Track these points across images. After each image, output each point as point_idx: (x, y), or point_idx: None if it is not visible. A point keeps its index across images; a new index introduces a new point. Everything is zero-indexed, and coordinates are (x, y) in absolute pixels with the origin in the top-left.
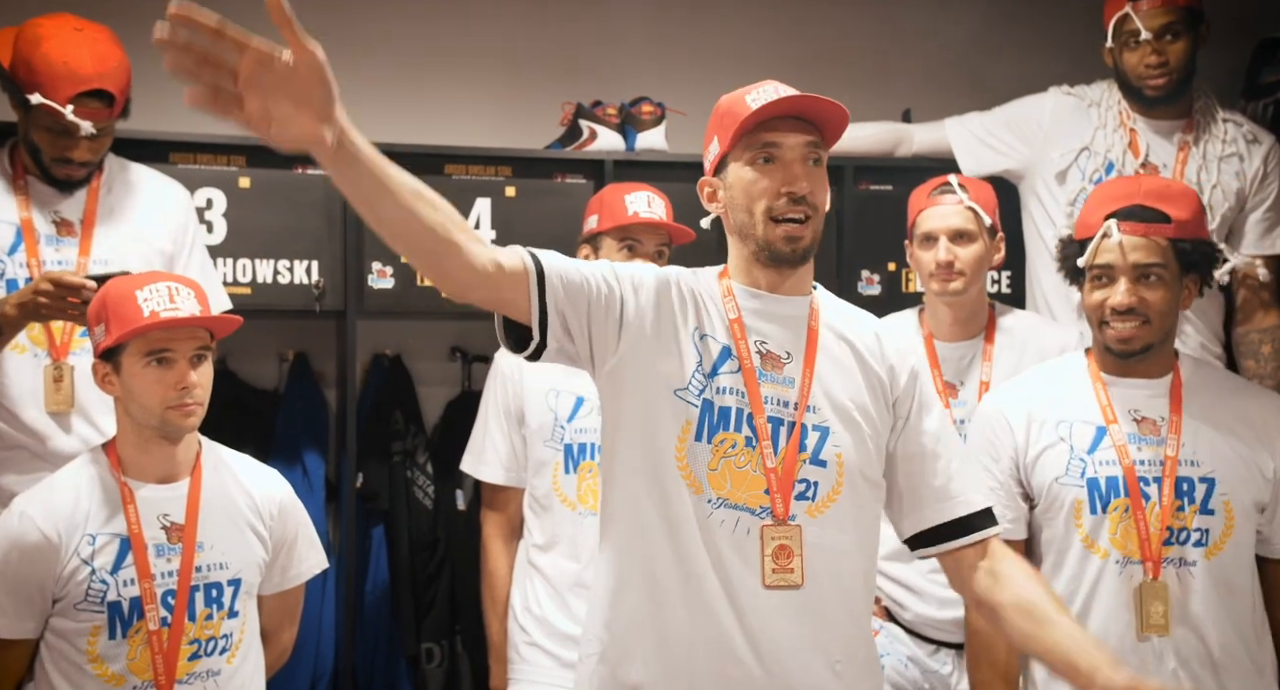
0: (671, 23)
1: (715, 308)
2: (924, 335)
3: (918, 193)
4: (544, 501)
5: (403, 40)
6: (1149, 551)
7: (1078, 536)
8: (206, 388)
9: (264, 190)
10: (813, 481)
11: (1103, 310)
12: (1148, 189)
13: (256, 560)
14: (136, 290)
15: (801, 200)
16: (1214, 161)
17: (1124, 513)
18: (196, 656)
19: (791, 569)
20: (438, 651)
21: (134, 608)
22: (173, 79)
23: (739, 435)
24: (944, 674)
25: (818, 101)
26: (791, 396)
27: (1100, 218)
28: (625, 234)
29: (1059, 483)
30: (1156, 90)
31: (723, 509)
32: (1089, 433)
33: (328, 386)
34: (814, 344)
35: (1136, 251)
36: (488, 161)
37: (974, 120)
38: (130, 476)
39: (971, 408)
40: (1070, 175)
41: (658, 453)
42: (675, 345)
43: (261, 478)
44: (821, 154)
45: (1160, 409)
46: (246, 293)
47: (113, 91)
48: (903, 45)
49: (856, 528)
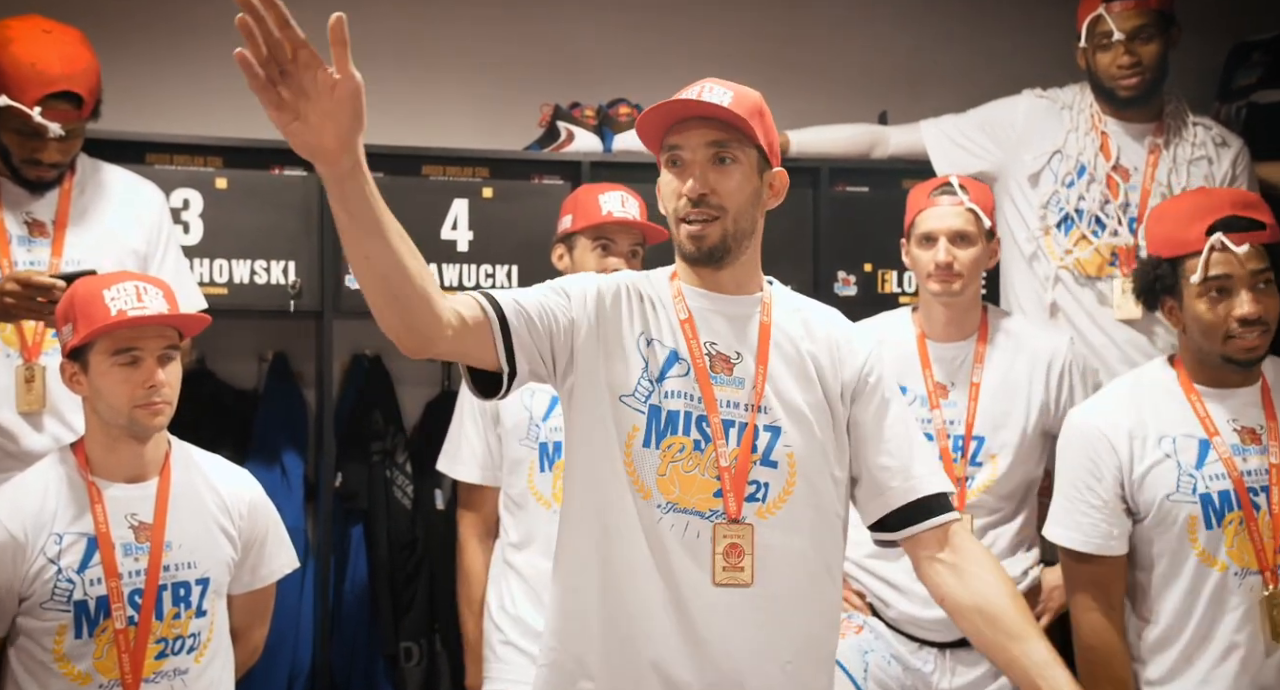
0: (649, 25)
1: (665, 310)
2: (917, 335)
3: (917, 192)
4: (519, 500)
5: (382, 41)
6: (1265, 561)
7: (1193, 551)
8: (175, 387)
9: (241, 191)
10: (763, 483)
11: (1227, 323)
12: (1231, 199)
13: (225, 559)
14: (104, 289)
15: (702, 201)
16: (1184, 164)
17: (1239, 525)
18: (164, 655)
19: (741, 567)
20: (416, 650)
21: (100, 607)
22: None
23: (687, 439)
24: (926, 672)
25: (701, 107)
26: (742, 397)
27: (1198, 232)
28: (599, 233)
29: (1170, 499)
30: (1129, 91)
31: (672, 513)
32: (1193, 447)
33: (307, 386)
34: (765, 343)
35: (1251, 260)
36: (465, 162)
37: (949, 123)
38: (98, 476)
39: (962, 409)
40: (1043, 177)
41: (607, 460)
42: (622, 352)
43: (231, 477)
44: (731, 152)
45: (1257, 417)
46: (223, 293)
47: (81, 93)
48: (880, 47)
49: (813, 528)
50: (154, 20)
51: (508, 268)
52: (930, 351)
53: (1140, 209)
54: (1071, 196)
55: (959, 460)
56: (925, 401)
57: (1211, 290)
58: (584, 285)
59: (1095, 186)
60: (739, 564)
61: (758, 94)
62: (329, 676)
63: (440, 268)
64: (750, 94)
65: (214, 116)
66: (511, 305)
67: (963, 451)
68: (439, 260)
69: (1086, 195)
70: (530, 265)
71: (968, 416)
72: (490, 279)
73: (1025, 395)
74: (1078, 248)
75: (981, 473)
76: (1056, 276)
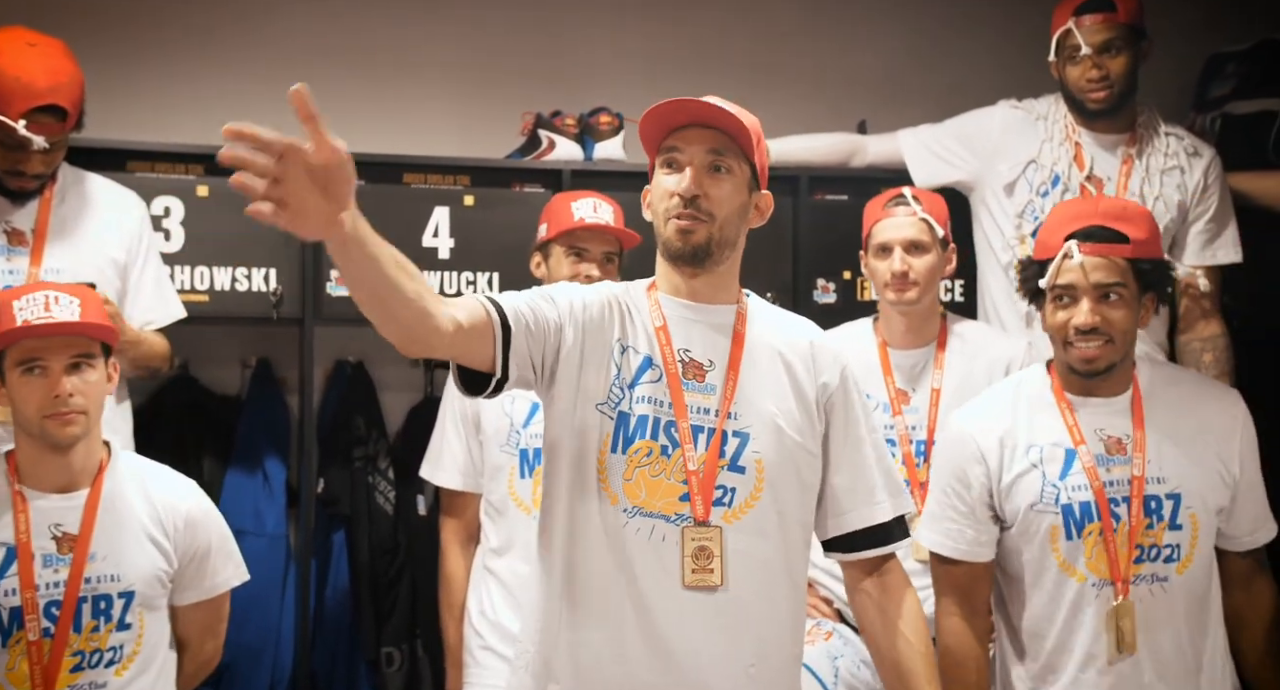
0: (630, 34)
1: (640, 318)
2: (878, 343)
3: (873, 204)
4: (499, 506)
5: (364, 49)
6: (1118, 572)
7: (1054, 561)
8: (89, 396)
9: (222, 198)
10: (730, 487)
11: (1066, 330)
12: (1105, 209)
13: (155, 572)
14: (14, 299)
15: (693, 203)
16: (1156, 174)
17: (1098, 536)
18: (80, 669)
19: (711, 569)
20: (398, 655)
21: (14, 617)
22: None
23: (654, 443)
24: None
25: (706, 108)
26: (712, 404)
27: (1060, 238)
28: (571, 240)
29: (1034, 509)
30: (1097, 104)
31: (638, 518)
32: (1059, 457)
33: (290, 392)
34: (739, 352)
35: (1098, 271)
36: (446, 170)
37: (926, 132)
38: (27, 485)
39: (923, 415)
40: (1018, 187)
41: (580, 467)
42: (598, 360)
43: (170, 488)
44: (728, 162)
45: (1125, 427)
46: (204, 301)
47: (65, 106)
48: (859, 56)
49: (779, 534)
50: (136, 28)
51: (489, 275)
52: (891, 359)
53: None
54: (1046, 206)
55: (921, 464)
56: (887, 408)
57: (1058, 297)
58: (571, 296)
59: (1070, 196)
60: (708, 566)
61: (756, 119)
62: (310, 682)
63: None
64: (751, 116)
65: (195, 124)
66: (514, 312)
67: (925, 456)
68: (420, 267)
69: None
70: (511, 273)
71: (929, 421)
72: (471, 286)
73: None
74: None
75: None
76: None
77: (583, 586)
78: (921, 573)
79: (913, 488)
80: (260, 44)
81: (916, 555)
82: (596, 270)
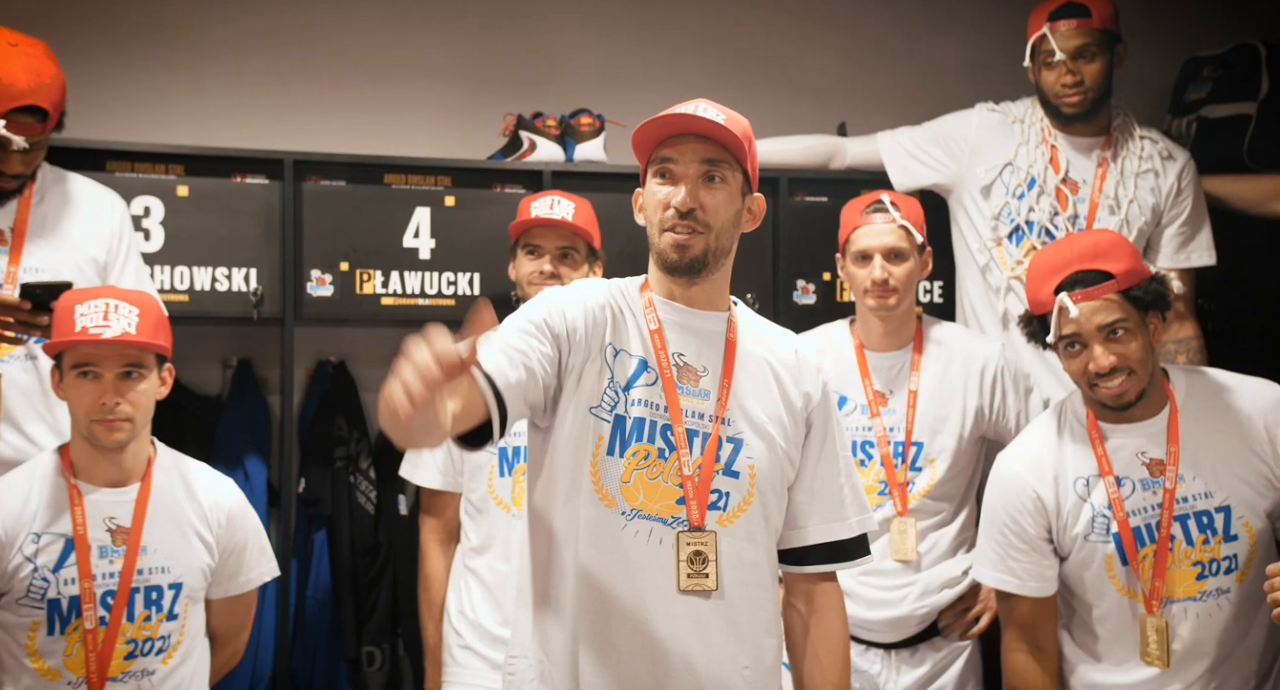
0: (612, 36)
1: (635, 319)
2: (855, 345)
3: (850, 210)
4: (479, 505)
5: (346, 50)
6: (1177, 589)
7: (1113, 587)
8: (138, 405)
9: (202, 198)
10: (724, 492)
11: (1087, 375)
12: (1080, 252)
13: (201, 566)
14: (78, 304)
15: (689, 214)
16: (1131, 177)
17: (1154, 558)
18: (132, 656)
19: (706, 574)
20: (379, 655)
21: (73, 606)
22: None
23: (652, 446)
24: (873, 674)
25: (699, 122)
26: (707, 409)
27: (1049, 293)
28: (527, 237)
29: (1088, 540)
30: (1072, 108)
31: (636, 520)
32: (1103, 486)
33: (271, 392)
34: (731, 358)
35: (1096, 315)
36: (427, 171)
37: (905, 135)
38: (81, 479)
39: (900, 416)
40: (994, 190)
41: (573, 471)
42: (592, 364)
43: (213, 486)
44: (722, 172)
45: (1164, 448)
46: (184, 300)
47: (46, 107)
48: (840, 58)
49: (766, 538)
50: (116, 28)
51: (469, 275)
52: (869, 361)
53: (1089, 221)
54: (1022, 208)
55: (900, 465)
56: (866, 410)
57: (1068, 345)
58: (564, 309)
59: (1045, 198)
60: (704, 570)
61: (747, 121)
62: (291, 681)
63: (403, 275)
64: (741, 119)
65: (175, 124)
66: (505, 381)
67: (903, 457)
68: (401, 268)
69: (1037, 207)
70: (491, 273)
71: (906, 423)
72: (452, 286)
73: (960, 401)
74: (1029, 258)
75: (921, 477)
76: (1009, 286)
77: (580, 591)
78: (900, 571)
79: (891, 488)
80: (242, 45)
81: (896, 555)
82: (549, 266)
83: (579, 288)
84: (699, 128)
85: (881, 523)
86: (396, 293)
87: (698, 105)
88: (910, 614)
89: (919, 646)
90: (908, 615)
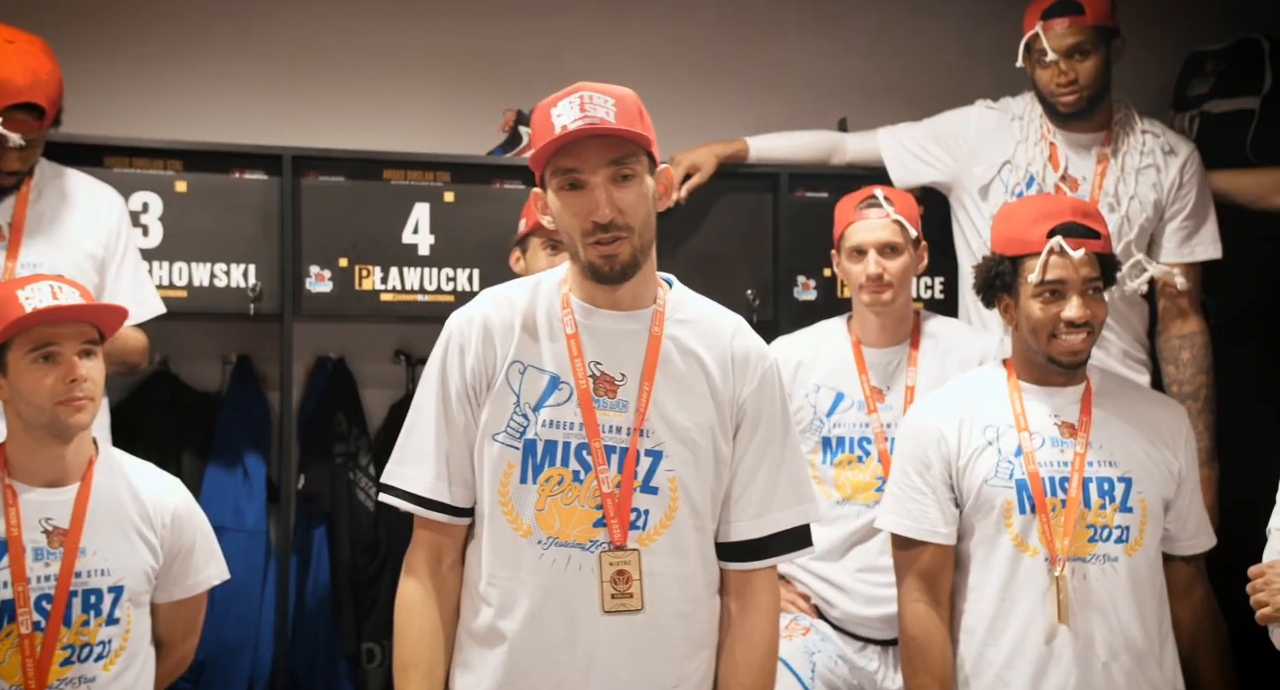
0: (611, 31)
1: (547, 327)
2: (852, 342)
3: (844, 205)
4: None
5: (346, 45)
6: (1070, 548)
7: (1008, 536)
8: (97, 382)
9: (200, 194)
10: (643, 510)
11: (1054, 324)
12: (1073, 206)
13: (144, 568)
14: (18, 290)
15: (610, 225)
16: (1131, 173)
17: (1050, 512)
18: (69, 662)
19: (630, 594)
20: (378, 651)
21: (5, 610)
22: None
23: (565, 470)
24: (871, 671)
25: (598, 128)
26: (625, 422)
27: (1040, 234)
28: (548, 233)
29: (989, 485)
30: (1067, 106)
31: (554, 549)
32: (1013, 436)
33: (270, 389)
34: (653, 361)
35: (1084, 267)
36: (426, 167)
37: (904, 132)
38: (16, 479)
39: (898, 412)
40: (993, 189)
41: (492, 501)
42: (492, 392)
43: (157, 485)
44: (630, 166)
45: (1077, 414)
46: (183, 296)
47: (43, 104)
48: (840, 53)
49: (698, 550)
50: (114, 23)
51: (469, 271)
52: (865, 357)
53: None
54: None
55: None
56: (863, 406)
57: (1046, 292)
58: (450, 351)
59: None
60: (628, 590)
61: (632, 92)
62: (290, 678)
63: (402, 271)
64: (628, 96)
65: (174, 119)
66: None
67: None
68: (400, 264)
69: None
70: (491, 269)
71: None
72: (451, 282)
73: None
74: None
75: None
76: None
77: (504, 622)
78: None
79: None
80: (241, 40)
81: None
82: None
83: (480, 309)
84: (597, 131)
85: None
86: (396, 289)
87: (581, 99)
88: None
89: None
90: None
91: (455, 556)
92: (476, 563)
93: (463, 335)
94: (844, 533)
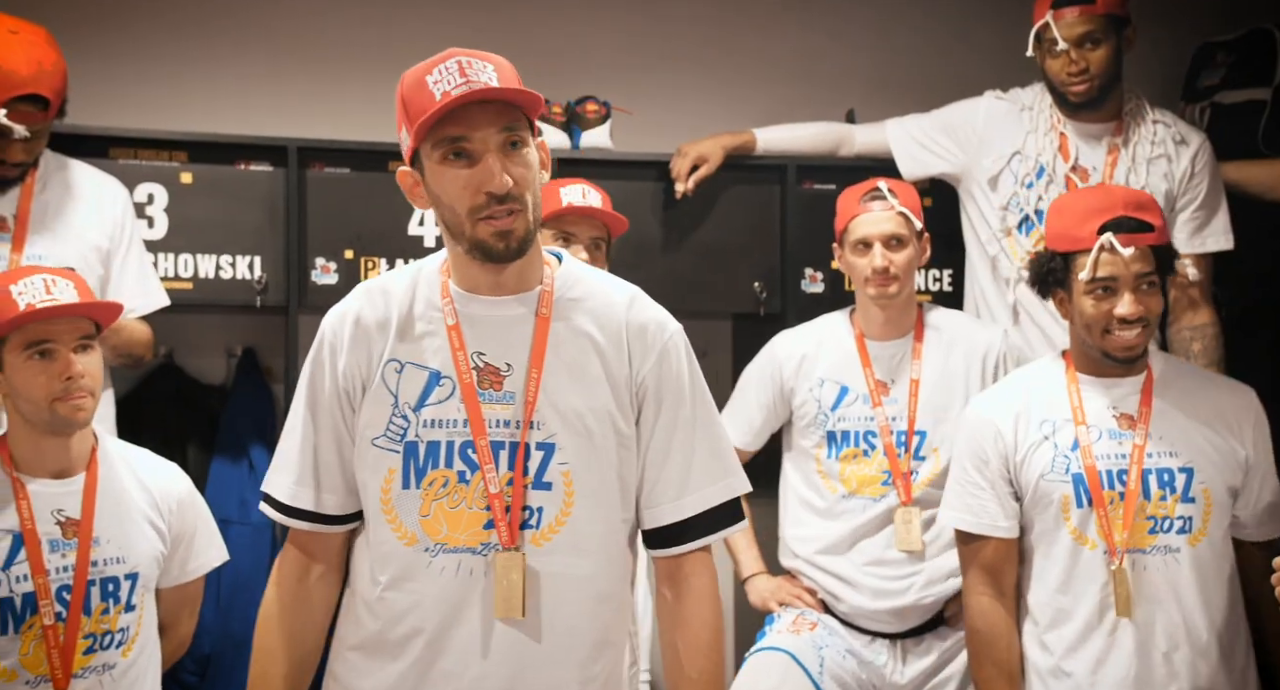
0: (617, 23)
1: (426, 320)
2: (856, 335)
3: (846, 198)
4: None
5: (350, 37)
6: (1131, 540)
7: (1066, 530)
8: (95, 377)
9: (206, 185)
10: (536, 507)
11: (1108, 320)
12: (1125, 199)
13: (154, 554)
14: (10, 285)
15: (506, 197)
16: (1143, 163)
17: (1109, 505)
18: (92, 651)
19: (520, 598)
20: None
21: (27, 603)
22: None
23: (450, 471)
24: (879, 664)
25: (490, 91)
26: (512, 415)
27: (1090, 230)
28: (559, 224)
29: (1045, 479)
30: (1079, 96)
31: (442, 555)
32: (1070, 430)
33: (275, 381)
34: (541, 348)
35: (1136, 262)
36: None
37: (912, 123)
38: (23, 472)
39: (903, 405)
40: (1003, 179)
41: (373, 508)
42: (366, 395)
43: (160, 472)
44: (520, 133)
45: (1136, 405)
46: (188, 288)
47: (47, 95)
48: (848, 44)
49: (601, 547)
50: (118, 13)
51: None
52: (869, 350)
53: None
54: (1031, 198)
55: (903, 455)
56: (867, 399)
57: (1097, 288)
58: (317, 362)
59: (1054, 187)
60: (521, 594)
61: (504, 59)
62: None
63: (407, 263)
64: (504, 61)
65: (179, 110)
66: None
67: (906, 446)
68: (405, 255)
69: (1045, 196)
70: None
71: (909, 412)
72: None
73: (963, 388)
74: (1039, 249)
75: (925, 466)
76: (1019, 277)
77: (396, 633)
78: (905, 561)
79: (894, 478)
80: (246, 31)
81: (901, 545)
82: (585, 254)
83: (353, 306)
84: (488, 95)
85: (886, 513)
86: None
87: (460, 63)
88: (915, 604)
89: (925, 636)
90: (913, 605)
91: (327, 566)
92: (365, 572)
93: (334, 335)
94: (850, 527)
